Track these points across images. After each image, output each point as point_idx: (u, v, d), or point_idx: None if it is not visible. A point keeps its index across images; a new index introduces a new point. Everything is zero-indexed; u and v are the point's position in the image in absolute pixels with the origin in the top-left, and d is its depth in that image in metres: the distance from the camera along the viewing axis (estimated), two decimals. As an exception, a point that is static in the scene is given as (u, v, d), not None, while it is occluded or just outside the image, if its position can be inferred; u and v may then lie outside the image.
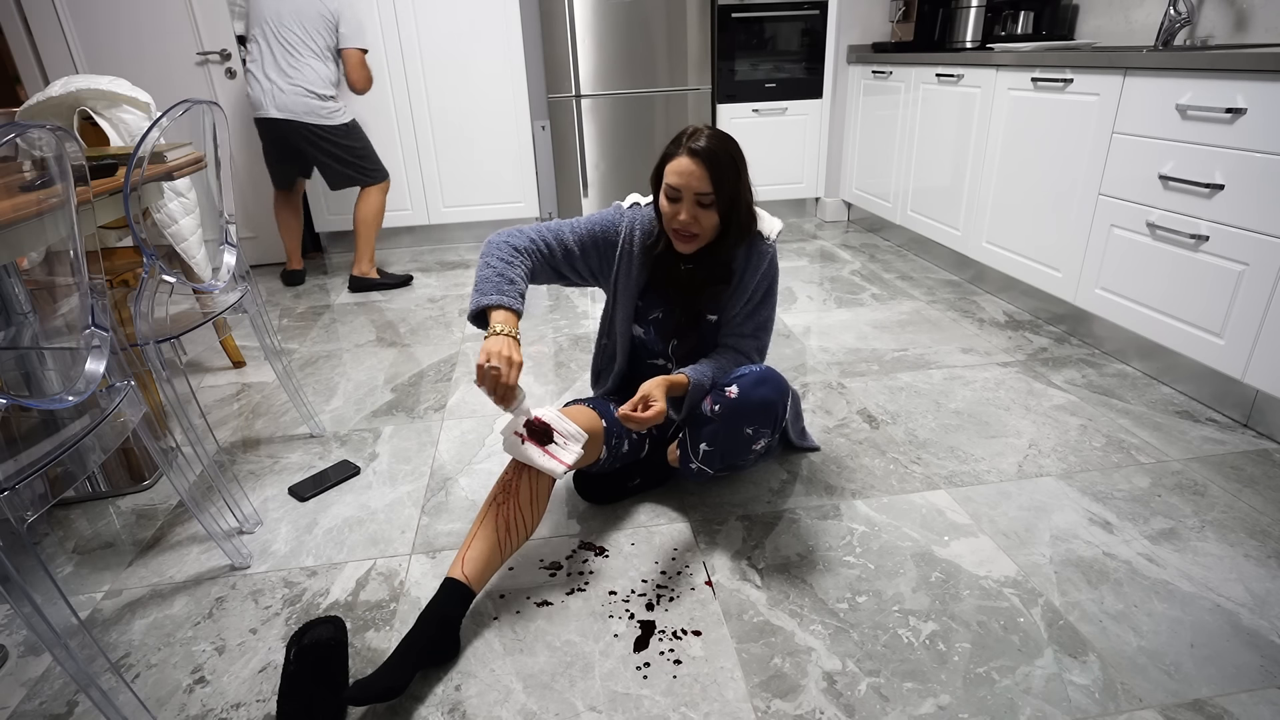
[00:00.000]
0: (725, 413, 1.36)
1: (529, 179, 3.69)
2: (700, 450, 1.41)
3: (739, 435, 1.37)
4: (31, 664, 1.23)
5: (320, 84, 2.85)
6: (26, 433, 1.11)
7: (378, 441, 1.89)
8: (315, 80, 2.83)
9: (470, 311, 1.31)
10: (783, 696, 1.10)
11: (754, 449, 1.41)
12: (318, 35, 2.81)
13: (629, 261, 1.45)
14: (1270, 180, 1.59)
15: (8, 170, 1.35)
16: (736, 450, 1.40)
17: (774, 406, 1.37)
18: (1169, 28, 2.42)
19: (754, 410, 1.35)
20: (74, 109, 1.85)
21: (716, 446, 1.39)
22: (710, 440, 1.39)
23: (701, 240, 1.35)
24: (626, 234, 1.44)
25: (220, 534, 1.43)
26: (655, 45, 3.43)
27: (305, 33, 2.78)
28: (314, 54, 2.82)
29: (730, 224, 1.34)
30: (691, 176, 1.27)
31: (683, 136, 1.31)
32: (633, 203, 1.48)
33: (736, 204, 1.33)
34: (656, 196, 1.38)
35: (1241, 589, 1.26)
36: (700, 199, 1.29)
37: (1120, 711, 1.05)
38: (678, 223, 1.32)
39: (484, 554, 1.24)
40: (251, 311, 1.75)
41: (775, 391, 1.36)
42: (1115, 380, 2.03)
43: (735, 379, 1.36)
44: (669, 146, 1.32)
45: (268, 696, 1.14)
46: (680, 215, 1.31)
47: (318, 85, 2.85)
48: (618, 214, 1.46)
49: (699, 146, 1.27)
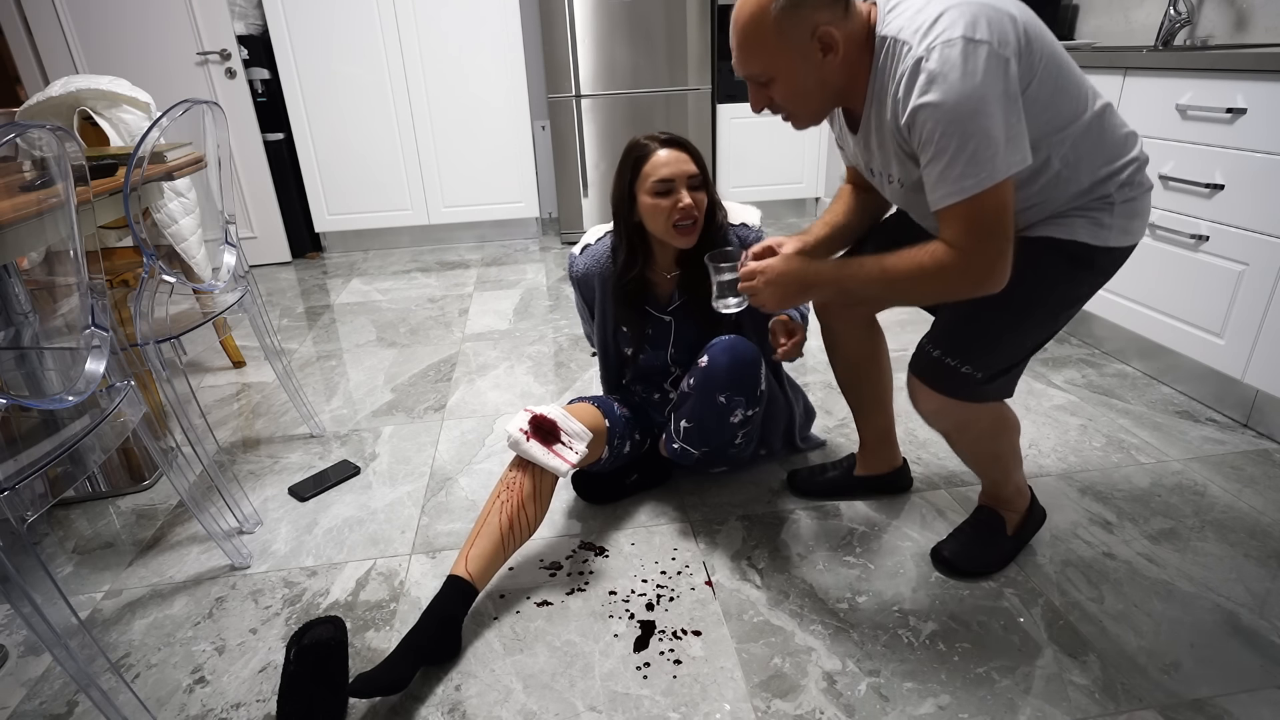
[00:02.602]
0: (698, 384, 1.35)
1: (529, 179, 3.69)
2: (681, 428, 1.41)
3: (714, 405, 1.35)
4: (31, 664, 1.23)
5: None
6: (26, 433, 1.11)
7: (378, 441, 1.89)
8: None
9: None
10: (783, 696, 1.10)
11: (732, 421, 1.37)
12: None
13: (593, 300, 1.53)
14: (1270, 180, 1.59)
15: (8, 170, 1.35)
16: (716, 425, 1.37)
17: (742, 371, 1.33)
18: (1169, 28, 2.42)
19: (725, 376, 1.33)
20: (74, 109, 1.85)
21: (695, 421, 1.38)
22: (689, 416, 1.38)
23: (699, 227, 1.36)
24: (583, 281, 1.53)
25: (220, 534, 1.43)
26: (655, 45, 3.43)
27: None
28: None
29: (714, 206, 1.39)
30: (679, 162, 1.32)
31: (641, 140, 1.34)
32: (584, 246, 1.53)
33: (710, 184, 1.38)
34: (628, 215, 1.37)
35: (1241, 589, 1.26)
36: (692, 181, 1.33)
37: (1120, 711, 1.05)
38: (680, 210, 1.32)
39: (487, 552, 1.25)
40: (251, 311, 1.75)
41: (744, 355, 1.33)
42: (1115, 380, 2.03)
43: (706, 349, 1.36)
44: (632, 156, 1.34)
45: (268, 696, 1.14)
46: (682, 201, 1.31)
47: None
48: (569, 266, 1.54)
49: (668, 137, 1.33)
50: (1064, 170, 1.00)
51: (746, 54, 1.00)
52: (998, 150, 0.89)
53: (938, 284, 0.98)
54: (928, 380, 1.14)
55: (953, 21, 0.89)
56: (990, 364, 1.10)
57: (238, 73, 3.24)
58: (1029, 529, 1.35)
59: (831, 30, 0.95)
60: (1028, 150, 0.92)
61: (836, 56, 0.97)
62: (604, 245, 1.49)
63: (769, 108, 1.06)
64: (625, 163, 1.36)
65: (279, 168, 3.46)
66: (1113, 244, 1.05)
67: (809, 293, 1.11)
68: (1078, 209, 1.04)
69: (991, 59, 0.88)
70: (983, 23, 0.89)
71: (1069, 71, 0.98)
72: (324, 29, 3.29)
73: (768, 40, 0.97)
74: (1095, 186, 1.02)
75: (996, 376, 1.11)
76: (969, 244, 0.93)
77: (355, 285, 3.25)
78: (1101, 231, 1.04)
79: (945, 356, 1.10)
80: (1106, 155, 1.02)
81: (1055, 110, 0.97)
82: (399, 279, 3.30)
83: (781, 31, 0.96)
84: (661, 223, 1.33)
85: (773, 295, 1.11)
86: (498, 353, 2.41)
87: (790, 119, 1.09)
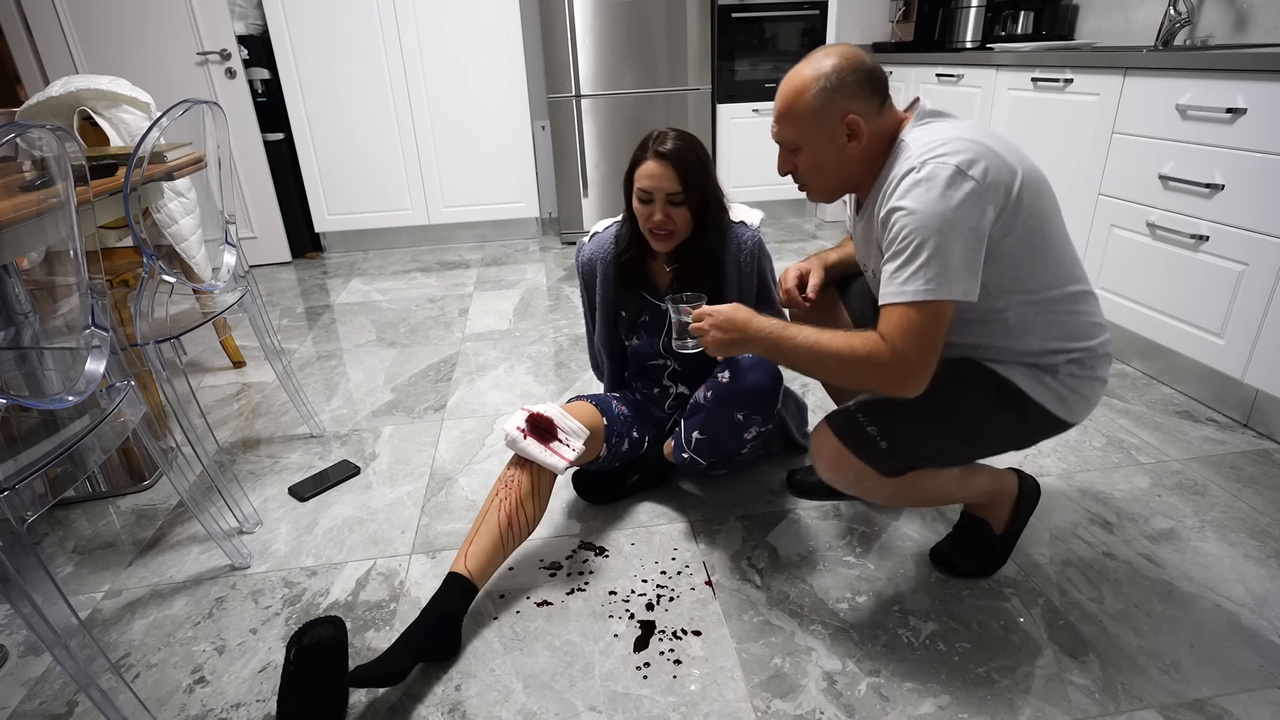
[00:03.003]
0: (717, 397, 1.36)
1: (529, 179, 3.69)
2: (693, 439, 1.41)
3: (730, 421, 1.37)
4: (31, 664, 1.23)
5: None
6: (26, 433, 1.11)
7: (378, 441, 1.89)
8: None
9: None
10: (783, 696, 1.10)
11: (745, 437, 1.39)
12: None
13: (594, 285, 1.53)
14: (1270, 180, 1.59)
15: (8, 170, 1.35)
16: (728, 438, 1.39)
17: (766, 392, 1.35)
18: (1169, 28, 2.42)
19: (746, 395, 1.34)
20: (74, 109, 1.85)
21: (708, 434, 1.39)
22: (702, 428, 1.39)
23: (677, 238, 1.38)
24: (585, 265, 1.53)
25: (220, 534, 1.43)
26: (655, 45, 3.43)
27: None
28: None
29: (703, 219, 1.39)
30: (661, 178, 1.32)
31: (649, 141, 1.36)
32: (592, 234, 1.55)
33: (707, 200, 1.38)
34: (628, 202, 1.42)
35: (1241, 589, 1.26)
36: (671, 198, 1.34)
37: (1120, 711, 1.05)
38: (653, 223, 1.35)
39: (486, 549, 1.25)
40: (251, 311, 1.75)
41: (767, 377, 1.35)
42: (1115, 380, 2.03)
43: (727, 364, 1.36)
44: (636, 152, 1.37)
45: (268, 696, 1.14)
46: (655, 215, 1.35)
47: None
48: (577, 252, 1.55)
49: (665, 149, 1.33)
50: (1017, 327, 1.06)
51: (783, 120, 1.10)
52: (948, 273, 0.95)
53: (860, 371, 1.02)
54: (835, 424, 1.16)
55: (956, 150, 0.96)
56: (895, 436, 1.11)
57: (238, 73, 3.24)
58: (1022, 514, 1.33)
59: (860, 120, 1.04)
60: (976, 288, 0.98)
61: (859, 145, 1.06)
62: (609, 233, 1.52)
63: (791, 174, 1.16)
64: (635, 153, 1.39)
65: (279, 168, 3.46)
66: (1046, 405, 1.08)
67: (748, 345, 1.14)
68: (1022, 364, 1.08)
69: (971, 196, 0.95)
70: (981, 165, 0.96)
71: (1055, 247, 1.05)
72: (324, 29, 3.29)
73: (803, 113, 1.07)
74: (1044, 354, 1.07)
75: (897, 455, 1.12)
76: (898, 344, 0.98)
77: (355, 285, 3.25)
78: (1039, 388, 1.08)
79: (858, 412, 1.14)
80: (1064, 332, 1.07)
81: (1026, 273, 1.03)
82: (399, 279, 3.30)
83: (816, 109, 1.05)
84: (642, 224, 1.39)
85: (714, 341, 1.16)
86: (498, 353, 2.41)
87: (806, 189, 1.17)
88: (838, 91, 1.04)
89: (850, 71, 1.04)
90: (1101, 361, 1.10)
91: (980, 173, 0.95)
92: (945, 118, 1.07)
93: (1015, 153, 1.02)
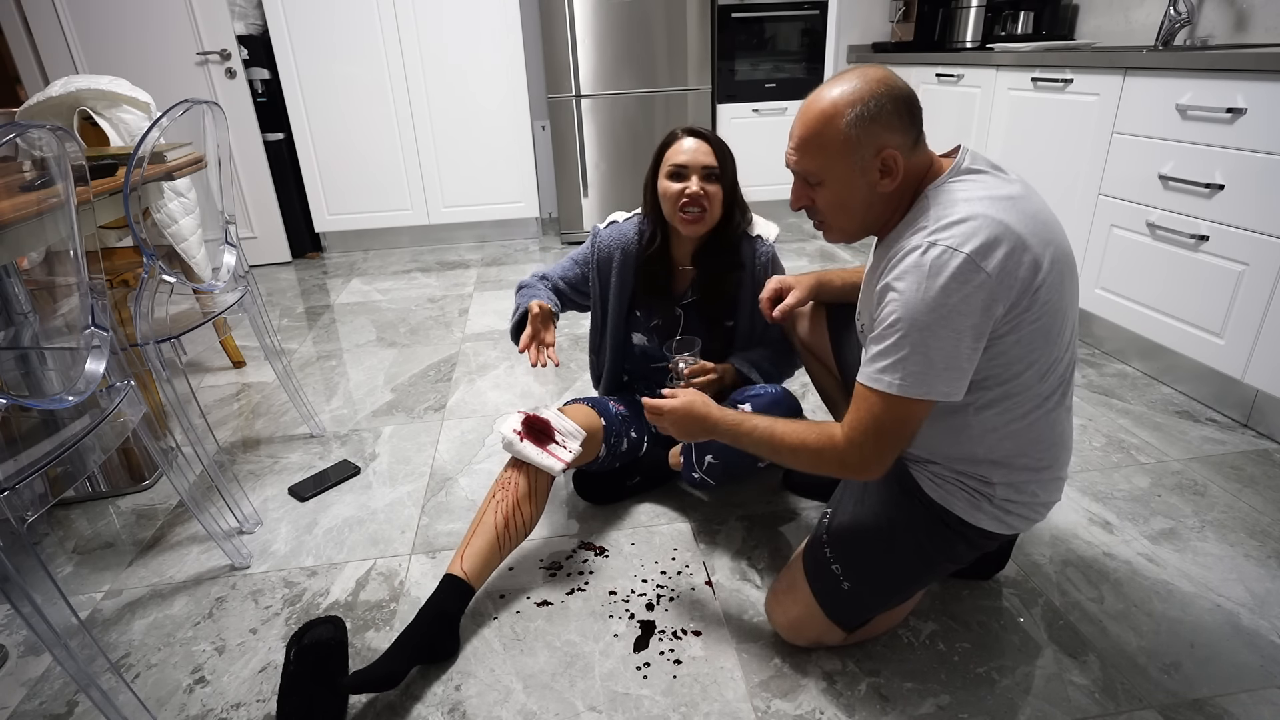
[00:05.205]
0: None
1: (529, 179, 3.69)
2: (705, 462, 1.41)
3: (746, 453, 1.36)
4: (31, 664, 1.23)
5: None
6: (26, 433, 1.11)
7: (378, 441, 1.89)
8: None
9: (512, 325, 1.45)
10: (783, 696, 1.10)
11: (759, 465, 1.41)
12: None
13: (609, 274, 1.50)
14: (1270, 180, 1.59)
15: (8, 170, 1.35)
16: (741, 465, 1.39)
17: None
18: (1169, 28, 2.42)
19: None
20: (74, 109, 1.85)
21: (721, 460, 1.39)
22: (716, 453, 1.39)
23: (709, 221, 1.37)
24: (603, 250, 1.50)
25: (220, 534, 1.43)
26: (655, 45, 3.43)
27: None
28: None
29: (731, 208, 1.40)
30: (697, 152, 1.34)
31: (676, 130, 1.39)
32: (610, 221, 1.53)
33: (736, 189, 1.40)
34: (651, 198, 1.41)
35: (1241, 589, 1.26)
36: (707, 171, 1.35)
37: (1120, 711, 1.05)
38: (688, 194, 1.34)
39: (483, 551, 1.25)
40: (251, 311, 1.75)
41: (789, 415, 1.35)
42: (1115, 380, 2.03)
43: (750, 397, 1.36)
44: (662, 143, 1.40)
45: (268, 696, 1.14)
46: (690, 187, 1.34)
47: None
48: (593, 234, 1.53)
49: (698, 130, 1.37)
50: (973, 428, 0.98)
51: (805, 150, 0.96)
52: (930, 372, 0.87)
53: (816, 462, 0.99)
54: (808, 562, 1.15)
55: (973, 232, 0.85)
56: (859, 575, 1.09)
57: (238, 73, 3.24)
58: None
59: (898, 156, 0.92)
60: (962, 388, 0.90)
61: (892, 183, 0.94)
62: (630, 225, 1.51)
63: (807, 210, 1.03)
64: (658, 148, 1.41)
65: (279, 168, 3.46)
66: (986, 528, 1.03)
67: (711, 434, 1.12)
68: (957, 481, 1.03)
69: (979, 291, 0.84)
70: (1000, 252, 0.84)
71: (1054, 347, 0.94)
72: (324, 29, 3.29)
73: (832, 143, 0.92)
74: (982, 465, 1.00)
75: (858, 598, 1.10)
76: (854, 438, 0.93)
77: (355, 285, 3.25)
78: (977, 514, 1.02)
79: (826, 546, 1.13)
80: (1017, 446, 0.99)
81: (1015, 364, 0.93)
82: (399, 279, 3.30)
83: (848, 139, 0.91)
84: (670, 206, 1.37)
85: (675, 427, 1.13)
86: (498, 353, 2.41)
87: (823, 228, 1.04)
88: (875, 121, 0.90)
89: (889, 99, 0.90)
90: (1047, 486, 1.03)
91: (997, 263, 0.84)
92: (983, 176, 0.93)
93: (1048, 232, 0.90)
